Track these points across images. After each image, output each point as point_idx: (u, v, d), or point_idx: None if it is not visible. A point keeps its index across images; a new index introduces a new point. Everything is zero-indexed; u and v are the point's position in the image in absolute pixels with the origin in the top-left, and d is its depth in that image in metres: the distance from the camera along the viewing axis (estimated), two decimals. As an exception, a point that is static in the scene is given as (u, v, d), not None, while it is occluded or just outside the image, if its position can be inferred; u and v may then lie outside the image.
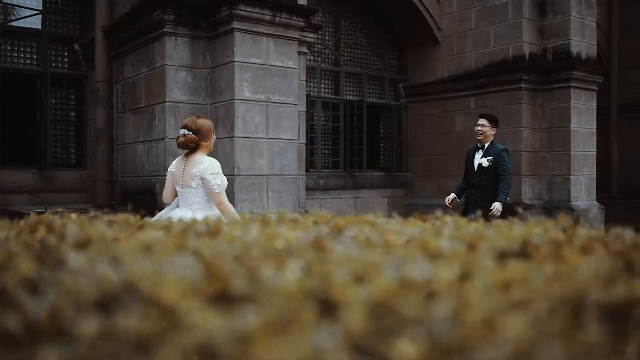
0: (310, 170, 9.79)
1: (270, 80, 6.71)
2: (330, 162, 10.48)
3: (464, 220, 1.33)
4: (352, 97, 10.76)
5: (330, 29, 10.60)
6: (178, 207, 3.79)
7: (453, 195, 5.86)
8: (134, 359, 0.54)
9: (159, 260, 0.95)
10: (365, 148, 10.44)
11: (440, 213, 1.40)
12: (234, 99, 6.47)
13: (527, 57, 9.53)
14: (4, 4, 7.93)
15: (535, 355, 0.49)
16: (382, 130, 11.35)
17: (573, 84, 9.41)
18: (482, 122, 5.77)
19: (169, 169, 3.87)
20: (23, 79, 8.22)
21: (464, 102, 10.27)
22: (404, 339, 0.51)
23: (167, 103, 6.70)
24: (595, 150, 9.98)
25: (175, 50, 6.72)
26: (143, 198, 7.02)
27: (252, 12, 6.48)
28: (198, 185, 3.64)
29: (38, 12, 8.14)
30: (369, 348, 0.52)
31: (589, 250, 0.89)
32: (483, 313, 0.55)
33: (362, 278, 0.72)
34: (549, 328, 0.54)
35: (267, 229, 1.43)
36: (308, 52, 8.43)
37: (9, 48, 7.97)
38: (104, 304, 0.69)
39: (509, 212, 5.50)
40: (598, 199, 10.22)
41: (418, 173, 11.14)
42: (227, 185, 3.78)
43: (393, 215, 1.53)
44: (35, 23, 8.12)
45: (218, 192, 3.62)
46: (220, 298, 0.72)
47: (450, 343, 0.50)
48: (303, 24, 6.98)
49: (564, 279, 0.66)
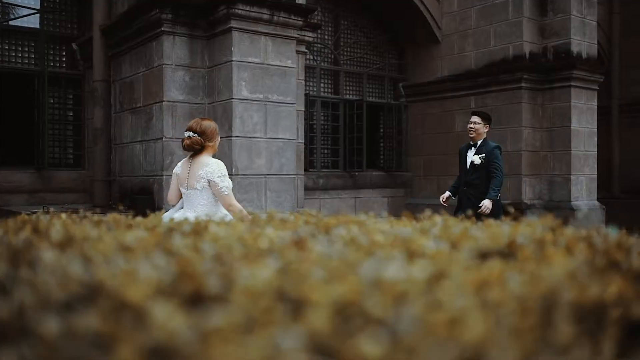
0: (310, 170, 9.76)
1: (269, 80, 6.68)
2: (330, 161, 10.45)
3: (454, 220, 1.31)
4: (351, 96, 10.73)
5: (330, 28, 10.56)
6: (182, 208, 3.80)
7: (448, 194, 5.85)
8: (94, 359, 0.54)
9: (135, 260, 0.93)
10: (365, 148, 10.41)
11: (430, 212, 1.38)
12: (232, 99, 6.44)
13: (527, 56, 9.50)
14: (2, 3, 7.92)
15: (493, 354, 0.49)
16: (382, 130, 11.32)
17: (573, 84, 9.38)
18: (474, 119, 5.76)
19: (174, 171, 3.89)
20: (21, 79, 8.20)
21: (464, 101, 10.23)
22: (367, 339, 0.51)
23: (164, 102, 6.67)
24: (596, 150, 9.94)
25: (173, 50, 6.70)
26: (141, 198, 6.99)
27: (250, 11, 6.45)
28: (203, 187, 3.66)
29: (36, 11, 8.12)
30: (332, 348, 0.52)
31: (573, 250, 0.88)
32: (448, 313, 0.54)
33: (334, 278, 0.71)
34: (514, 327, 0.53)
35: (254, 229, 1.42)
36: (307, 51, 8.40)
37: (7, 47, 7.95)
38: (70, 304, 0.67)
39: (502, 210, 5.47)
40: (599, 199, 10.18)
41: (418, 173, 11.10)
42: (232, 186, 3.79)
43: (383, 215, 1.53)
44: (33, 22, 8.10)
45: (227, 194, 3.64)
46: (191, 297, 0.71)
47: (413, 343, 0.50)
48: (301, 23, 6.96)
49: (538, 279, 0.65)
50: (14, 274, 0.80)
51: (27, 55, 8.09)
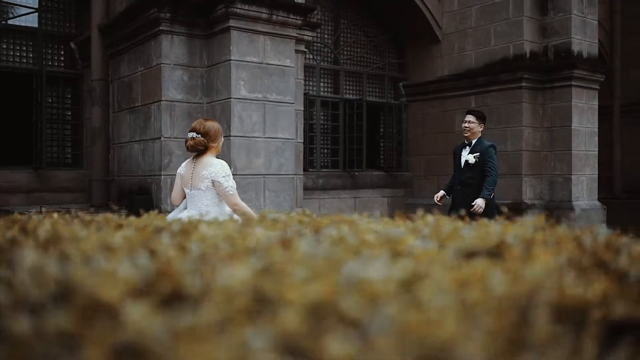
0: (309, 170, 9.73)
1: (267, 79, 6.66)
2: (330, 161, 10.42)
3: (446, 219, 1.30)
4: (351, 96, 10.70)
5: (330, 28, 10.54)
6: (186, 209, 3.82)
7: (442, 193, 5.84)
8: (64, 358, 0.54)
9: (116, 260, 0.92)
10: (365, 147, 10.38)
11: (422, 212, 1.39)
12: (231, 98, 6.42)
13: (527, 55, 9.47)
14: (0, 2, 7.89)
15: (464, 354, 0.48)
16: (382, 130, 11.28)
17: (574, 83, 9.34)
18: (469, 118, 5.74)
19: (178, 171, 3.92)
20: (19, 78, 8.18)
21: (465, 101, 10.20)
22: (338, 339, 0.51)
23: (163, 102, 6.65)
24: (597, 150, 9.90)
25: (172, 49, 6.67)
26: (139, 198, 6.97)
27: (249, 10, 6.43)
28: (207, 188, 3.68)
29: (34, 10, 8.09)
30: (303, 348, 0.52)
31: (561, 250, 0.88)
32: (421, 313, 0.54)
33: (314, 277, 0.70)
34: (490, 327, 0.53)
35: (244, 228, 1.42)
36: (306, 50, 8.37)
37: (5, 46, 7.93)
38: (45, 303, 0.67)
39: (496, 210, 5.44)
40: (600, 199, 10.14)
41: (418, 173, 11.07)
42: (236, 186, 3.82)
43: (376, 215, 1.53)
44: (32, 21, 8.08)
45: (232, 193, 3.67)
46: (169, 297, 0.71)
47: (383, 343, 0.49)
48: (301, 22, 6.93)
49: (518, 279, 0.65)
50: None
51: (25, 55, 8.06)
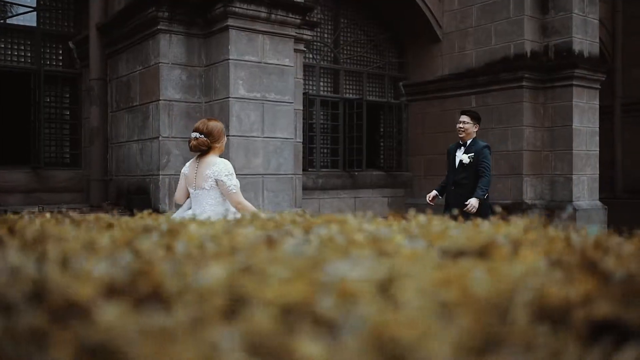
0: (309, 170, 9.70)
1: (266, 78, 6.62)
2: (330, 161, 10.38)
3: (438, 219, 1.29)
4: (351, 95, 10.66)
5: (330, 27, 10.50)
6: (190, 208, 3.86)
7: (434, 193, 5.81)
8: (34, 357, 0.54)
9: (98, 259, 0.91)
10: (365, 147, 10.34)
11: (414, 211, 1.39)
12: (229, 97, 6.39)
13: (528, 54, 9.43)
14: (-1, 2, 7.87)
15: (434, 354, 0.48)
16: (382, 129, 11.24)
17: (575, 82, 9.30)
18: (464, 118, 5.72)
19: (182, 171, 3.96)
20: (17, 77, 8.15)
21: (465, 100, 10.16)
22: (308, 340, 0.51)
23: (161, 101, 6.62)
24: (598, 150, 9.86)
25: (170, 48, 6.64)
26: (137, 198, 6.93)
27: (247, 9, 6.40)
28: (211, 187, 3.73)
29: (32, 9, 8.07)
30: (273, 348, 0.52)
31: (549, 250, 0.87)
32: (396, 314, 0.53)
33: (293, 277, 0.68)
34: (463, 327, 0.52)
35: (234, 228, 1.42)
36: (305, 49, 8.34)
37: (3, 46, 7.90)
38: (19, 303, 0.67)
39: (490, 210, 5.40)
40: (601, 199, 10.10)
41: (418, 172, 11.03)
42: (239, 185, 3.87)
43: (368, 215, 1.52)
44: (30, 20, 8.06)
45: (235, 192, 3.71)
46: (146, 297, 0.71)
47: (354, 344, 0.49)
48: (299, 22, 6.90)
49: (499, 279, 0.64)
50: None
51: (23, 54, 8.03)
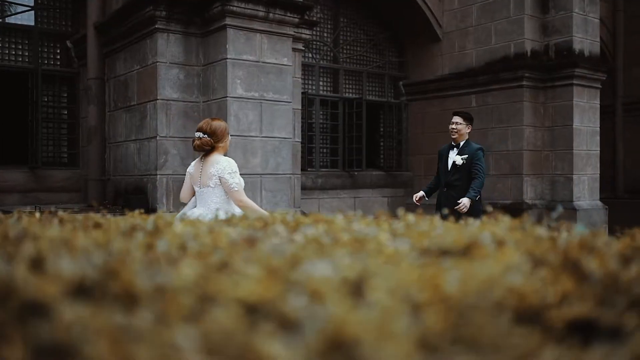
0: (308, 170, 9.66)
1: (264, 78, 6.59)
2: (329, 161, 10.35)
3: (426, 219, 1.29)
4: (351, 95, 10.62)
5: (329, 26, 10.46)
6: (195, 206, 3.93)
7: (422, 193, 5.74)
8: None
9: (72, 258, 0.91)
10: (365, 147, 10.31)
11: (403, 211, 1.38)
12: (227, 97, 6.36)
13: (528, 54, 9.38)
14: (-4, 1, 7.84)
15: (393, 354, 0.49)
16: (381, 129, 11.20)
17: (576, 82, 9.25)
18: (456, 120, 5.65)
19: (187, 170, 4.03)
20: (14, 77, 8.12)
21: (465, 100, 10.12)
22: (269, 339, 0.51)
23: (158, 101, 6.59)
24: (599, 149, 9.81)
25: (167, 47, 6.61)
26: (135, 197, 6.91)
27: (245, 8, 6.36)
28: (216, 185, 3.79)
29: (30, 8, 8.04)
30: (234, 348, 0.52)
31: (533, 250, 0.88)
32: (358, 313, 0.54)
33: (265, 276, 0.69)
34: (432, 327, 0.53)
35: (219, 227, 1.41)
36: (304, 49, 8.30)
37: (0, 45, 7.87)
38: None
39: (481, 212, 5.36)
40: (602, 199, 10.06)
41: (418, 172, 10.99)
42: (244, 184, 3.93)
43: (357, 214, 1.50)
44: (27, 19, 8.02)
45: (237, 190, 3.77)
46: (116, 296, 0.72)
47: (316, 344, 0.50)
48: (298, 21, 6.86)
49: (472, 278, 0.65)
50: None
51: (21, 53, 8.00)
